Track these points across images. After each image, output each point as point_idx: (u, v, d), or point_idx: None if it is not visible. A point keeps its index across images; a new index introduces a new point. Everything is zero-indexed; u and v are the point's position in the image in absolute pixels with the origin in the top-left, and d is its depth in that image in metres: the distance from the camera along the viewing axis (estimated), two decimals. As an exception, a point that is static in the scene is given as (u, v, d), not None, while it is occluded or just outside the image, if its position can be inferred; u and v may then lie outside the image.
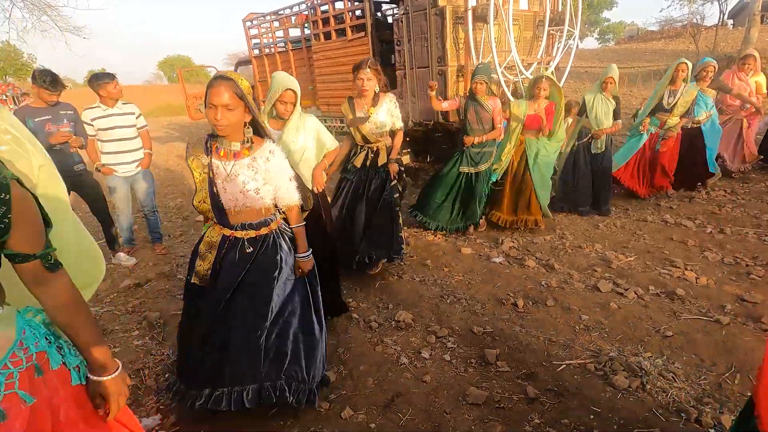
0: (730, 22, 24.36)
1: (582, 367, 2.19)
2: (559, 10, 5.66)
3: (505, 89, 4.87)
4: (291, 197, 1.84)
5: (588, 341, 2.39)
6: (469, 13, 4.45)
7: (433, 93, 3.79)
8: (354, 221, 3.16)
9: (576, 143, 4.45)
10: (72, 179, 3.38)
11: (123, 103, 3.65)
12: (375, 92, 2.99)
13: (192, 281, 1.85)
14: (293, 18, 6.70)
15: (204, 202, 1.75)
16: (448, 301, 2.91)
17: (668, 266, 3.20)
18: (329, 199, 3.05)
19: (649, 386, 2.01)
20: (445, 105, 4.04)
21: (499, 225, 4.12)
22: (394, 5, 6.52)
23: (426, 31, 4.74)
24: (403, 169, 3.26)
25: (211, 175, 1.71)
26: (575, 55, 6.00)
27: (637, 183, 4.72)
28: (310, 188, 2.58)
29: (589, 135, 4.35)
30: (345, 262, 3.06)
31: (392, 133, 3.12)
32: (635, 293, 2.83)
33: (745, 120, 4.96)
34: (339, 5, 5.71)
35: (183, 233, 4.78)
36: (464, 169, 3.96)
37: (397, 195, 3.21)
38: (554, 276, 3.16)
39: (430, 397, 2.05)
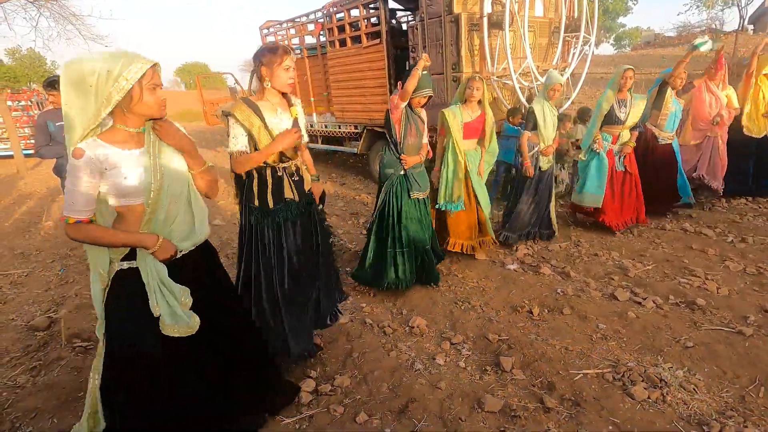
0: (750, 27, 23.90)
1: (600, 376, 2.16)
2: (575, 16, 5.65)
3: (520, 96, 4.86)
4: None
5: (606, 350, 2.36)
6: (485, 19, 4.47)
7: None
8: (302, 280, 2.26)
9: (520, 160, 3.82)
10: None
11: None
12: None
13: None
14: (309, 26, 6.81)
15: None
16: (462, 308, 2.90)
17: (688, 275, 3.14)
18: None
19: (669, 398, 1.97)
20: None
21: (461, 252, 3.58)
22: (409, 12, 6.59)
23: (441, 38, 4.78)
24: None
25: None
26: (591, 61, 5.96)
27: (618, 214, 4.03)
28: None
29: (535, 149, 3.74)
30: (299, 342, 2.26)
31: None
32: (654, 302, 2.78)
33: (719, 136, 4.43)
34: (354, 13, 5.79)
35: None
36: (417, 195, 3.07)
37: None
38: (570, 284, 3.12)
39: (444, 403, 2.04)
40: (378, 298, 3.12)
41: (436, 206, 3.51)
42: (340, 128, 6.78)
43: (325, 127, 7.13)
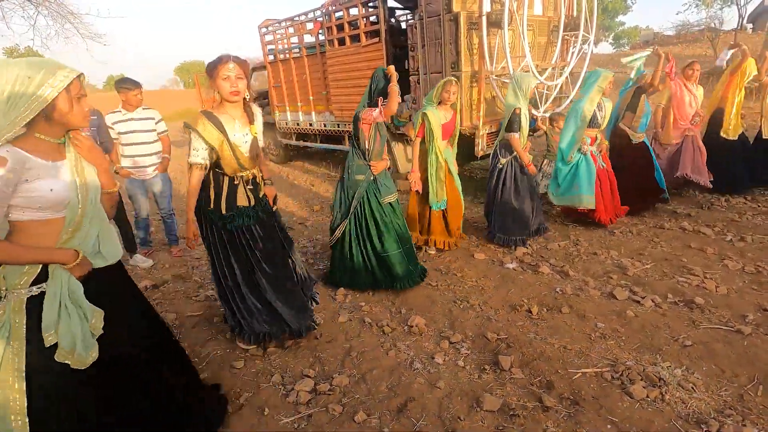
0: (750, 26, 23.89)
1: (598, 375, 2.16)
2: (574, 15, 5.64)
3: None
4: None
5: (604, 349, 2.36)
6: (484, 18, 4.46)
7: None
8: (278, 267, 2.42)
9: (503, 160, 3.80)
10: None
11: (143, 109, 3.74)
12: (245, 98, 2.18)
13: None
14: (308, 25, 6.80)
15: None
16: (461, 307, 2.90)
17: (686, 274, 3.14)
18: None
19: (668, 397, 1.97)
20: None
21: (439, 248, 3.76)
22: (408, 11, 6.58)
23: (440, 37, 4.77)
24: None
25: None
26: (590, 60, 5.95)
27: (606, 210, 4.12)
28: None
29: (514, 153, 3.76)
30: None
31: (257, 156, 2.34)
32: (652, 301, 2.78)
33: (696, 133, 4.58)
34: (353, 11, 5.78)
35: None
36: (392, 198, 3.13)
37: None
38: (569, 283, 3.12)
39: (443, 402, 2.04)
40: (377, 298, 3.12)
41: (431, 206, 3.60)
42: (338, 127, 6.77)
43: (324, 125, 7.12)
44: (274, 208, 2.52)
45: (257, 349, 2.51)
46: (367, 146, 3.00)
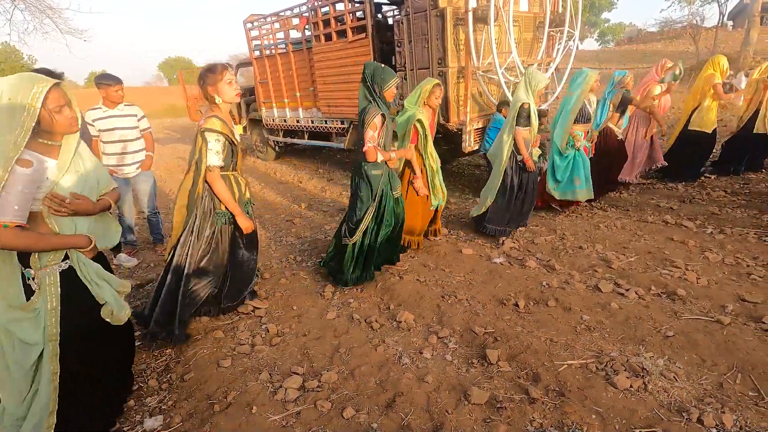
0: (730, 23, 24.39)
1: (583, 367, 2.19)
2: (560, 11, 5.68)
3: (506, 90, 4.88)
4: None
5: (589, 341, 2.40)
6: (470, 14, 4.47)
7: None
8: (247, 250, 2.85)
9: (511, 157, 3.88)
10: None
11: (125, 105, 3.67)
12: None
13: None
14: (294, 20, 6.73)
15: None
16: (449, 302, 2.92)
17: (669, 266, 3.20)
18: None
19: (650, 386, 2.01)
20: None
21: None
22: (394, 7, 6.56)
23: (426, 33, 4.76)
24: None
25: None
26: (575, 57, 6.01)
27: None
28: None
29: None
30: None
31: None
32: (636, 293, 2.83)
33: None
34: (339, 7, 5.74)
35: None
36: (397, 193, 3.21)
37: None
38: (555, 276, 3.16)
39: (431, 396, 2.05)
40: (365, 293, 3.12)
41: (434, 205, 3.68)
42: (326, 123, 6.74)
43: (312, 122, 7.08)
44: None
45: None
46: (380, 141, 2.95)
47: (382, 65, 2.86)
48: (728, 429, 1.75)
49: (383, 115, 2.85)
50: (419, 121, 3.33)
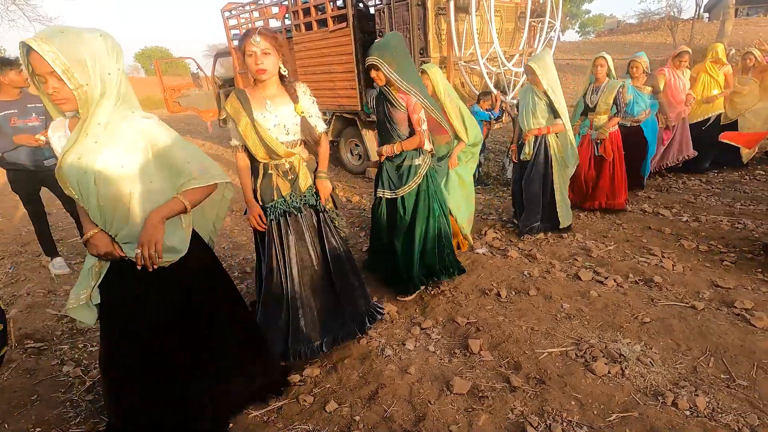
0: (706, 15, 24.89)
1: (563, 354, 2.22)
2: (541, 1, 5.69)
3: (488, 81, 4.88)
4: None
5: (569, 329, 2.43)
6: (451, 3, 4.44)
7: None
8: (297, 296, 2.19)
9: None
10: (43, 174, 3.25)
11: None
12: (281, 78, 2.02)
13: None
14: (274, 9, 6.58)
15: None
16: (432, 293, 2.92)
17: (646, 254, 3.27)
18: None
19: (627, 372, 2.05)
20: None
21: None
22: (375, -5, 6.47)
23: (408, 22, 4.72)
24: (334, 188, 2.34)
25: None
26: (556, 48, 6.05)
27: (583, 196, 4.19)
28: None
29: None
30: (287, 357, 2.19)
31: (313, 141, 2.18)
32: (614, 281, 2.89)
33: (686, 113, 4.88)
34: (319, -5, 5.62)
35: (163, 229, 4.67)
36: (381, 192, 2.78)
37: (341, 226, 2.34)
38: (536, 266, 3.20)
39: (414, 387, 2.05)
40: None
41: None
42: (308, 115, 6.64)
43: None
44: (327, 207, 2.25)
45: None
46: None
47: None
48: (701, 411, 1.80)
49: (378, 93, 2.69)
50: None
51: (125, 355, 1.57)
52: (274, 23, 6.80)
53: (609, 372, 2.05)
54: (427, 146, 2.67)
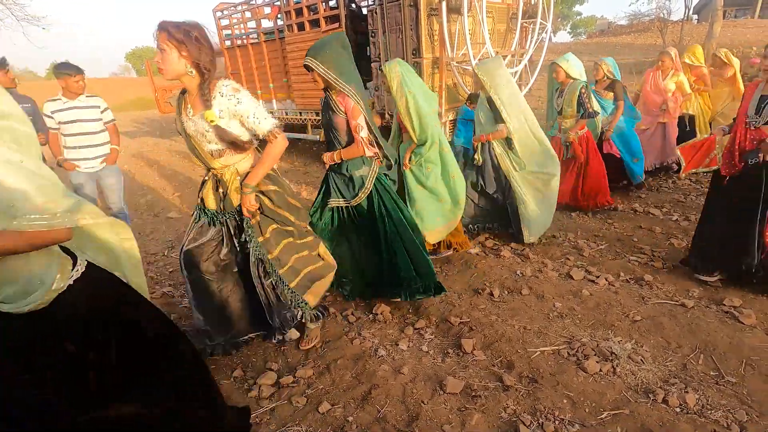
0: (695, 17, 25.20)
1: (556, 353, 2.24)
2: (532, 3, 5.73)
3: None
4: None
5: (561, 328, 2.45)
6: (443, 4, 4.45)
7: None
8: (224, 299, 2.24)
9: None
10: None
11: (87, 96, 3.49)
12: (200, 78, 1.80)
13: None
14: (266, 9, 6.56)
15: None
16: (425, 293, 2.92)
17: (637, 253, 3.30)
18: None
19: (619, 369, 2.07)
20: None
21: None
22: (368, -4, 6.47)
23: (400, 23, 4.72)
24: (272, 200, 2.07)
25: None
26: (548, 49, 6.08)
27: (570, 196, 4.17)
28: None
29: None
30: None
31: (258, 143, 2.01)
32: (606, 280, 2.91)
33: (668, 121, 4.72)
34: (312, -5, 5.61)
35: (154, 230, 4.63)
36: (333, 201, 2.60)
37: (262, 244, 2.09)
38: (529, 265, 3.21)
39: (407, 387, 2.05)
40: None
41: None
42: (301, 115, 6.63)
43: (286, 114, 6.95)
44: (252, 222, 2.03)
45: None
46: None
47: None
48: (691, 408, 1.82)
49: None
50: None
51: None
52: (267, 23, 6.78)
53: (600, 370, 2.07)
54: (368, 153, 2.46)
